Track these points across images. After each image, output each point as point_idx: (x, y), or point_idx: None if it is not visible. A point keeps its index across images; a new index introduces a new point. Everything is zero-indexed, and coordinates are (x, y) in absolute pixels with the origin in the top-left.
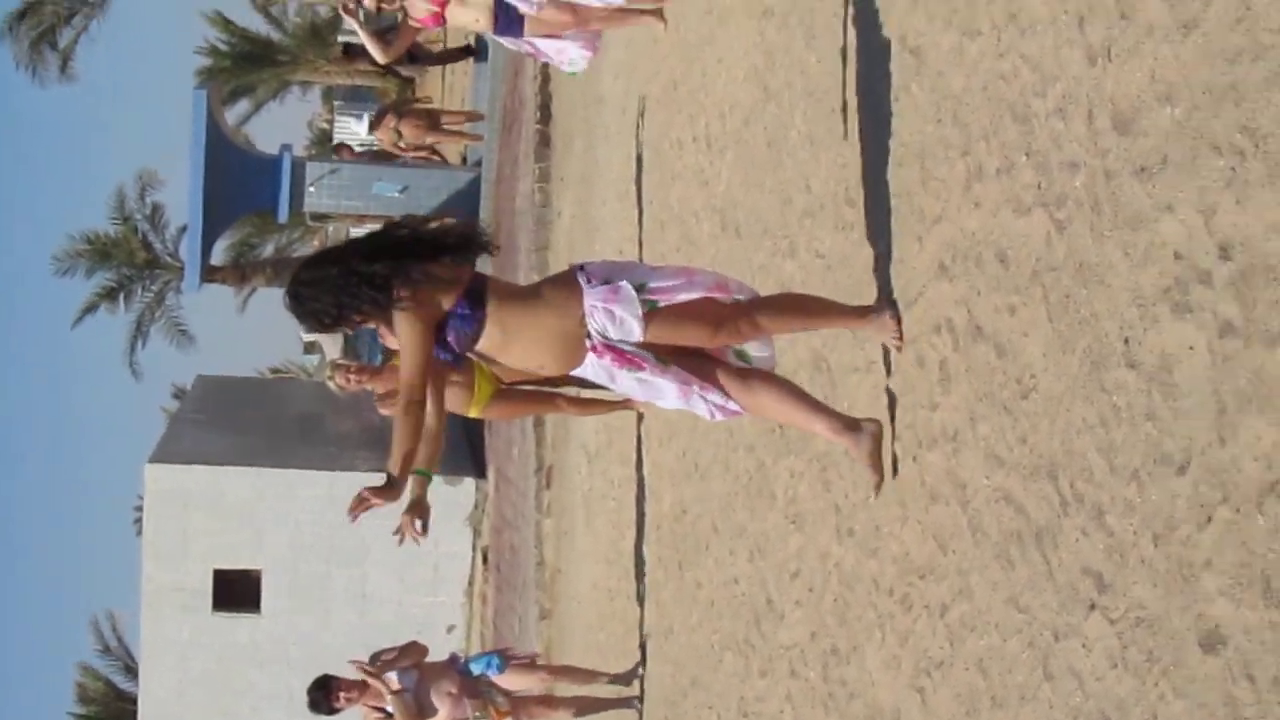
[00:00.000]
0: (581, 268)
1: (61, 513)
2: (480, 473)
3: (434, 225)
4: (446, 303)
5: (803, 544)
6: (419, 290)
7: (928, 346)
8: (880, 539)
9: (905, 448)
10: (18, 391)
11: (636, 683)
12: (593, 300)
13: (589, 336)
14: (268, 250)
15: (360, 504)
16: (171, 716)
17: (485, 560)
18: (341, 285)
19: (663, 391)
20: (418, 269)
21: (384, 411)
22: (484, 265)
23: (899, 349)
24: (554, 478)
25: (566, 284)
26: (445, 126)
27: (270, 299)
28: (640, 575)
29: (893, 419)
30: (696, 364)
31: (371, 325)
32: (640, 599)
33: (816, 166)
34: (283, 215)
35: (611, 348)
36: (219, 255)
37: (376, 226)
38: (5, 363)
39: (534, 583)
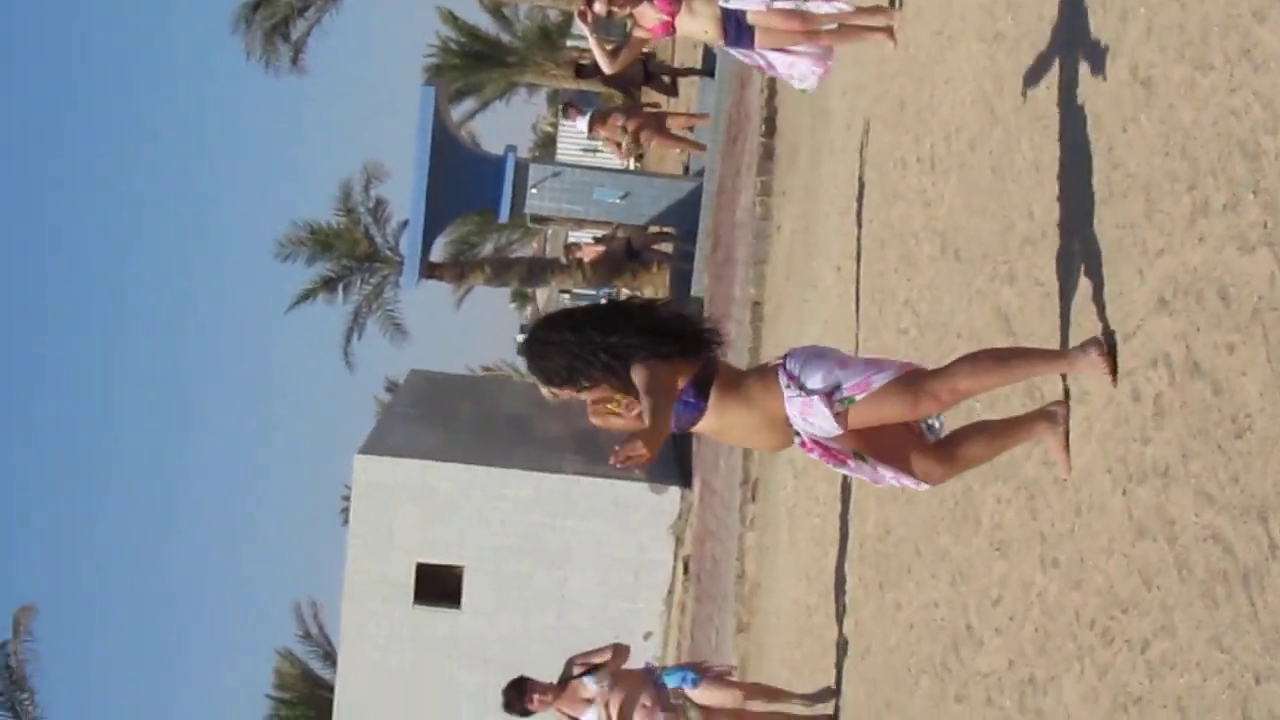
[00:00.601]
0: (784, 365)
1: (271, 497)
2: (686, 482)
3: (671, 313)
4: (677, 377)
5: (1006, 571)
6: (656, 357)
7: (1143, 380)
8: (1084, 571)
9: (1115, 480)
10: (235, 374)
11: (831, 703)
12: (791, 410)
13: (798, 434)
14: (487, 249)
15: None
16: (368, 706)
17: (686, 570)
18: (576, 351)
19: (865, 477)
20: (654, 351)
21: (594, 420)
22: (700, 283)
23: (1113, 384)
24: (759, 491)
25: (771, 385)
26: (671, 130)
27: (486, 297)
28: (840, 594)
29: (1104, 452)
30: (896, 451)
31: (591, 412)
32: (839, 617)
33: (1040, 193)
34: (504, 215)
35: (819, 443)
36: (438, 252)
37: (598, 233)
38: (225, 346)
39: (733, 595)
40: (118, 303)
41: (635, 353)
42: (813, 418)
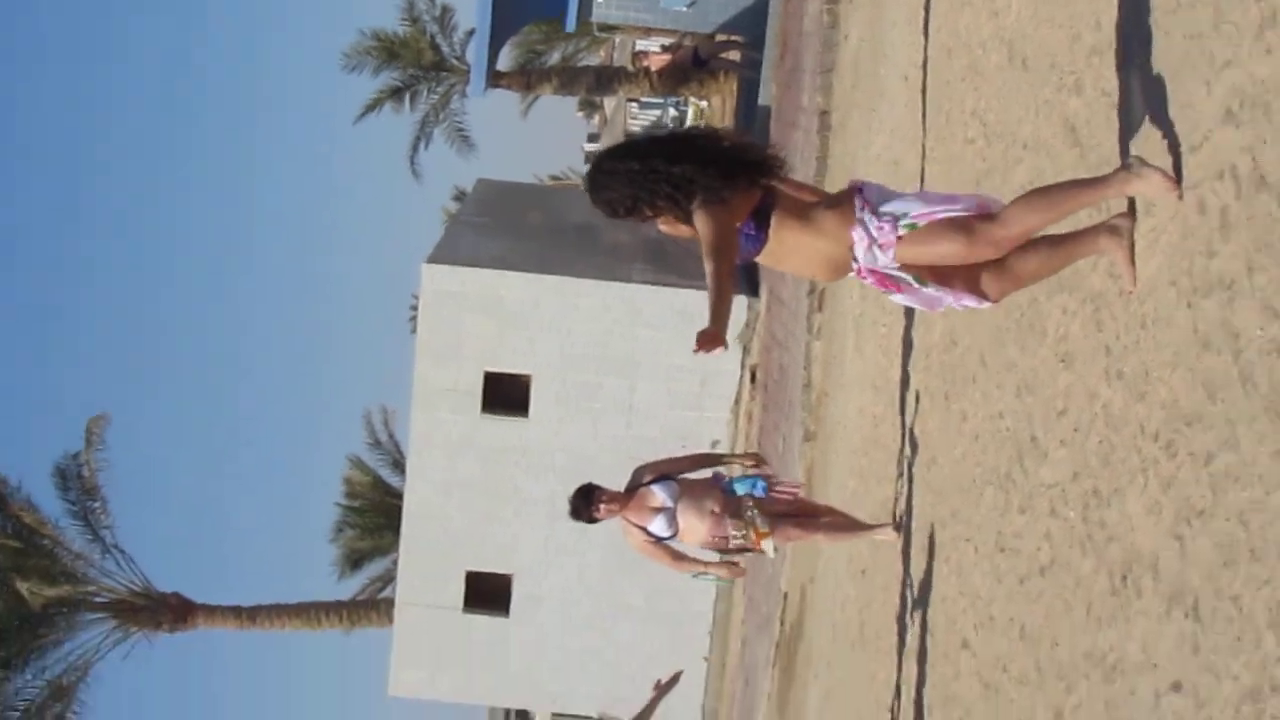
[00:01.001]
0: (860, 190)
1: (342, 308)
2: (754, 291)
3: (734, 142)
4: (737, 219)
5: (1071, 382)
6: (717, 199)
7: (1209, 193)
8: (1149, 383)
9: (1180, 293)
10: (301, 184)
11: (897, 511)
12: (857, 235)
13: (855, 261)
14: (554, 58)
15: (702, 346)
16: (436, 513)
17: (753, 379)
18: (640, 181)
19: (920, 304)
20: (717, 180)
21: (662, 227)
22: (767, 92)
23: (1178, 198)
24: (826, 301)
25: (843, 212)
26: None
27: (553, 107)
28: (906, 403)
29: (1169, 264)
30: (956, 271)
31: (659, 220)
32: (905, 427)
33: (1108, 4)
34: (570, 24)
35: (874, 271)
36: (505, 60)
37: (665, 42)
38: (289, 155)
39: (800, 404)
40: (187, 116)
41: (698, 190)
42: (876, 248)
